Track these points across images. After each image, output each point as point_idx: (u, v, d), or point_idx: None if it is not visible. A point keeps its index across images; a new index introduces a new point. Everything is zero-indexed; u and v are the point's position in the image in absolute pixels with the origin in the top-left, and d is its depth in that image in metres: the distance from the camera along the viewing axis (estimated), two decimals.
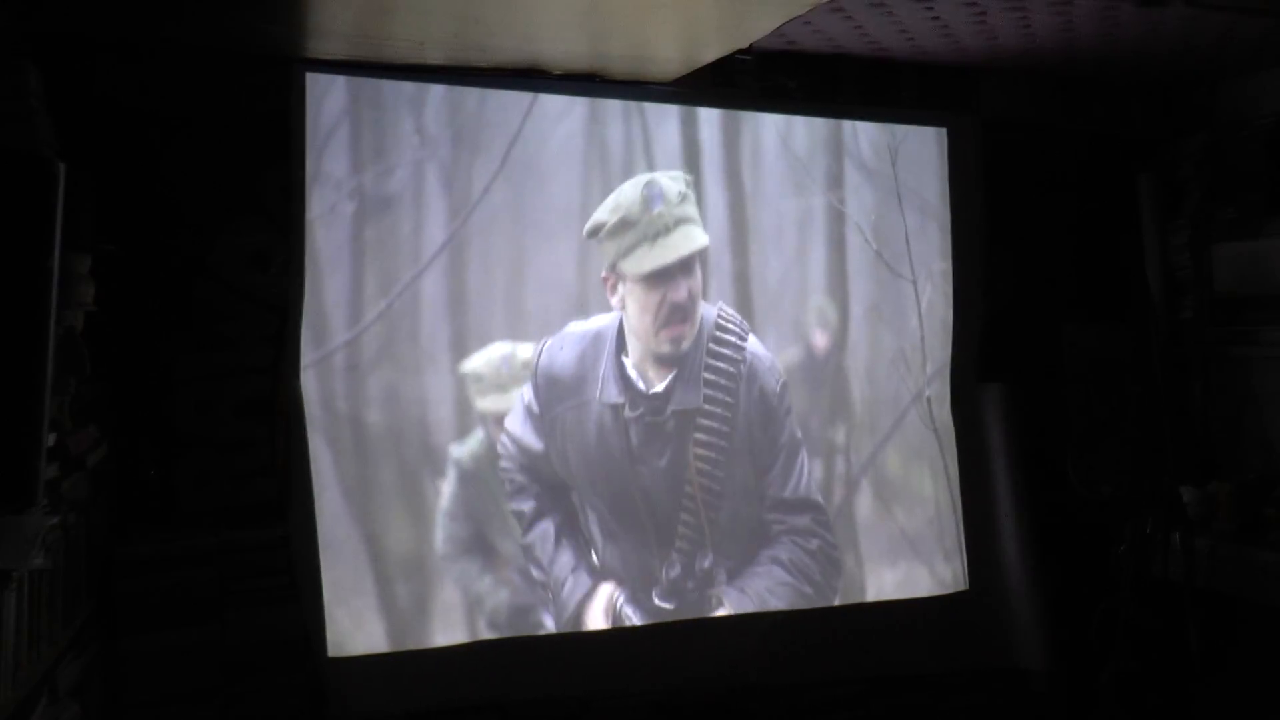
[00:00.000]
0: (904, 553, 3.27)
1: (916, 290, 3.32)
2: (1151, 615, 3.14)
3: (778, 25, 2.58)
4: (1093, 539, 3.32)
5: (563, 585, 2.89)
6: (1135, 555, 3.14)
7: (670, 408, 2.94)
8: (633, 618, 2.93)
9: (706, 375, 2.95)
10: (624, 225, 2.89)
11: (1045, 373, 3.43)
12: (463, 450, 2.89)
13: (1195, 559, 3.12)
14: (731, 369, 2.96)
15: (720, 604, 3.00)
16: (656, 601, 2.98)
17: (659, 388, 2.92)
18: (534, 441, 2.90)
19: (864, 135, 3.29)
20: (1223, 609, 3.14)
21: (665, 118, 3.08)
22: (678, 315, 2.91)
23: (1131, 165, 3.61)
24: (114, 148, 2.57)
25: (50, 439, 1.79)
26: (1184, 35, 3.03)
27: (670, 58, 2.80)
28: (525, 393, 2.92)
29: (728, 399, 2.96)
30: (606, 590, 2.92)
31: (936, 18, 2.86)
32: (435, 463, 2.84)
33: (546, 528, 2.89)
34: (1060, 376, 3.42)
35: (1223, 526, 3.21)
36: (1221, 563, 3.11)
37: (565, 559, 2.89)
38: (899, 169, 3.30)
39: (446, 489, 2.86)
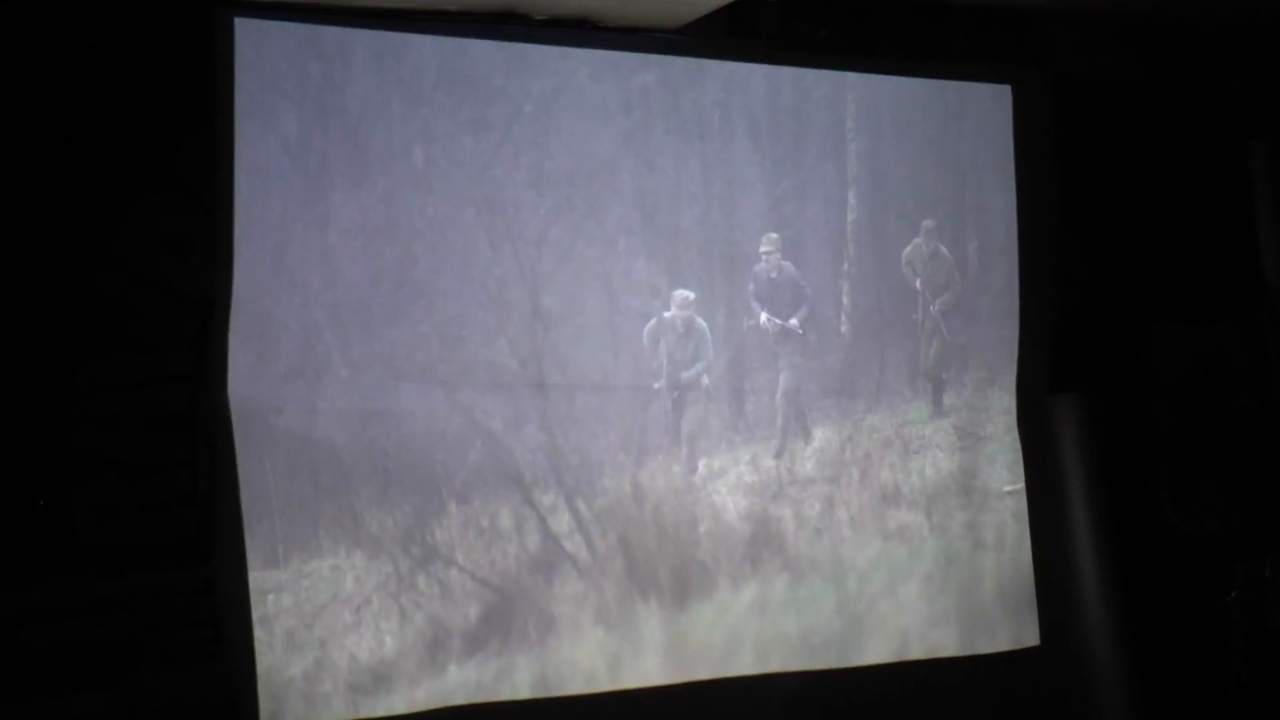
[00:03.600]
0: (961, 600, 3.09)
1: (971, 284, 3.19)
2: (1268, 676, 3.04)
3: None
4: (1194, 584, 3.22)
5: None
6: (1248, 604, 3.06)
7: None
8: None
9: None
10: None
11: (1133, 381, 3.33)
12: None
13: None
14: None
15: None
16: None
17: None
18: None
19: (909, 94, 3.12)
20: None
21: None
22: None
23: (1241, 130, 3.43)
24: None
25: None
26: None
27: (675, 0, 2.71)
28: None
29: None
30: None
31: None
32: (403, 487, 2.67)
33: None
34: (1151, 386, 3.31)
35: None
36: None
37: None
38: (953, 136, 3.14)
39: None
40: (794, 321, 2.97)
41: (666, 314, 2.87)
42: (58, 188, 2.57)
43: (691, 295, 2.88)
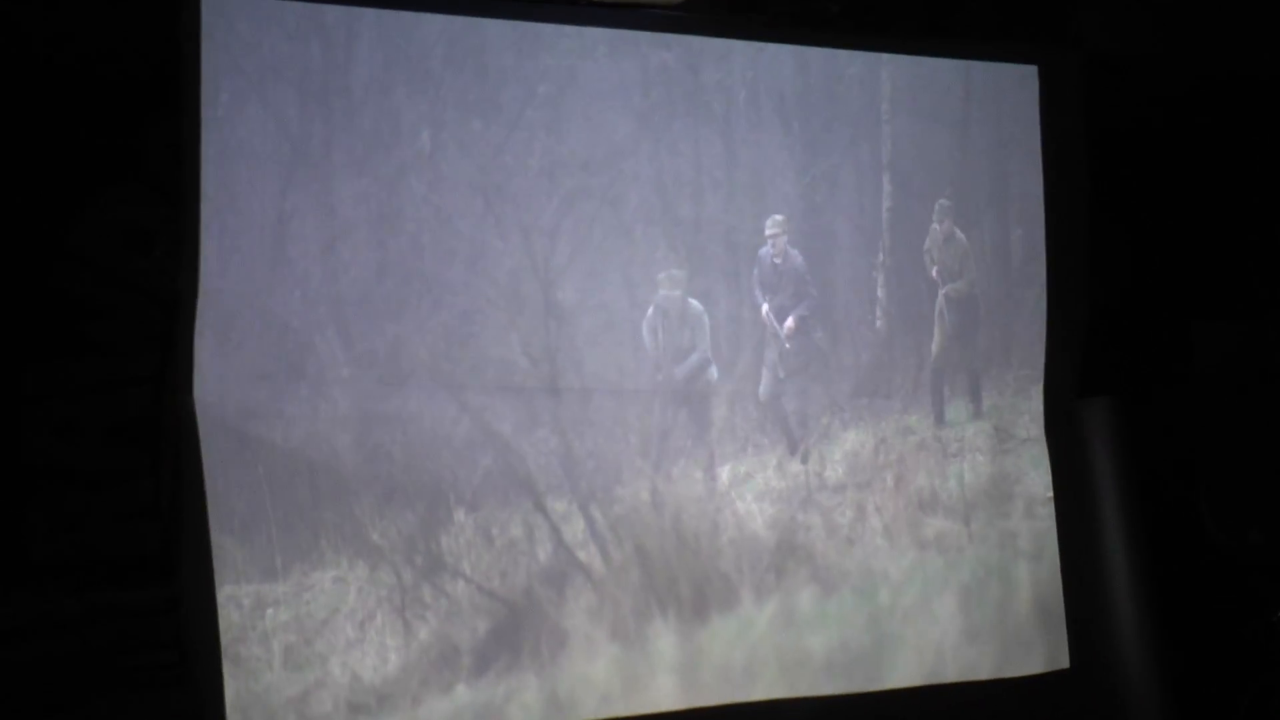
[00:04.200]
0: (1000, 614, 3.03)
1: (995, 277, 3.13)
2: None
3: None
4: (1237, 602, 3.15)
5: None
6: None
7: None
8: None
9: None
10: None
11: (1170, 384, 3.29)
12: None
13: None
14: None
15: None
16: None
17: None
18: None
19: (927, 75, 3.06)
20: None
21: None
22: None
23: None
24: None
25: None
26: None
27: None
28: None
29: None
30: None
31: None
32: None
33: None
34: (1189, 388, 3.27)
35: None
36: None
37: None
38: (974, 119, 3.08)
39: None
40: (790, 323, 2.92)
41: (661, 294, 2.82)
42: (10, 178, 2.48)
43: (681, 274, 2.81)
